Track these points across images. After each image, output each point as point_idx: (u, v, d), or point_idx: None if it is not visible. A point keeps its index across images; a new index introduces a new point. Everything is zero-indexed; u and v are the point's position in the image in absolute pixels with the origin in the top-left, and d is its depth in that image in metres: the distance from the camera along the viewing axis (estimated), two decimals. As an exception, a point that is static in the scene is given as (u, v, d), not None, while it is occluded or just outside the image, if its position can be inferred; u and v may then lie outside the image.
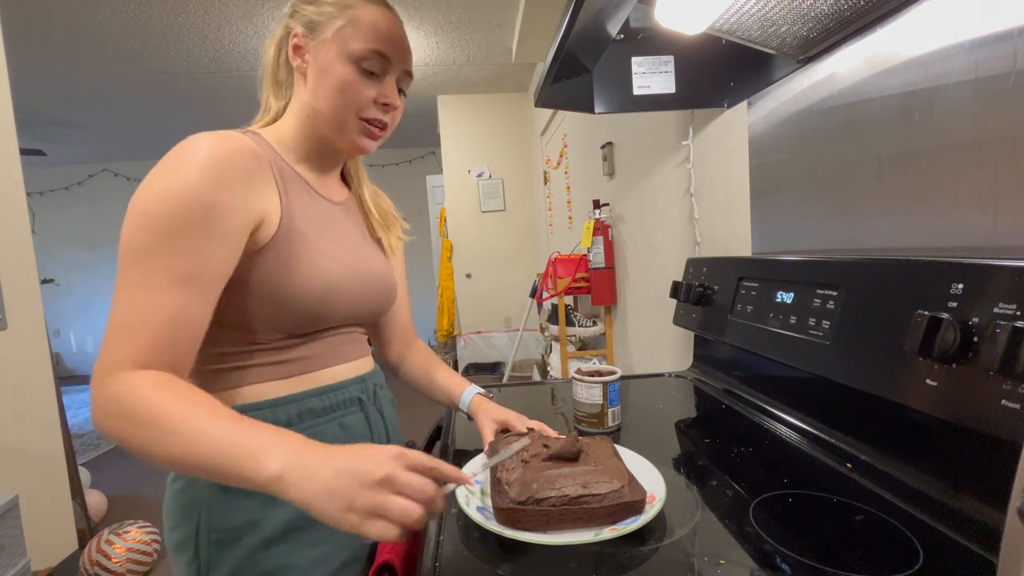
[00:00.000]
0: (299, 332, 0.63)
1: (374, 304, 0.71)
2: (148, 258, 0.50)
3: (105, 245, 5.79)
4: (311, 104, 0.63)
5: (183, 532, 0.58)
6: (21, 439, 1.68)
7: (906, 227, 0.65)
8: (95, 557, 1.81)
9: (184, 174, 0.52)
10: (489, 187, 4.22)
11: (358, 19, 0.61)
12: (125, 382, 0.47)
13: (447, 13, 2.67)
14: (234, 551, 0.57)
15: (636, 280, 1.80)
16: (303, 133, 0.66)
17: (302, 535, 0.60)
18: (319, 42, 0.62)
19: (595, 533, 0.50)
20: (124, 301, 0.50)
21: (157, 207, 0.51)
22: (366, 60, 0.61)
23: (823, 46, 0.78)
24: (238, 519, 0.58)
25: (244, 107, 3.89)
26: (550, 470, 0.56)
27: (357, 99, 0.62)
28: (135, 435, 0.46)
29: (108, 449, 3.38)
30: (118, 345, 0.49)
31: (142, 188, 0.52)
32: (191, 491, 0.58)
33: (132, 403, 0.46)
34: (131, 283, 0.50)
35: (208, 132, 0.56)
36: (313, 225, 0.63)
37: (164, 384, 0.48)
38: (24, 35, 2.59)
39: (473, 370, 4.13)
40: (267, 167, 0.60)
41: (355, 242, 0.70)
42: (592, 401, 0.80)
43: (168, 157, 0.53)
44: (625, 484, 0.53)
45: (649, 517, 0.52)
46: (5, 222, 1.67)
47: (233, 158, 0.55)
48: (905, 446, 0.58)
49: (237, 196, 0.54)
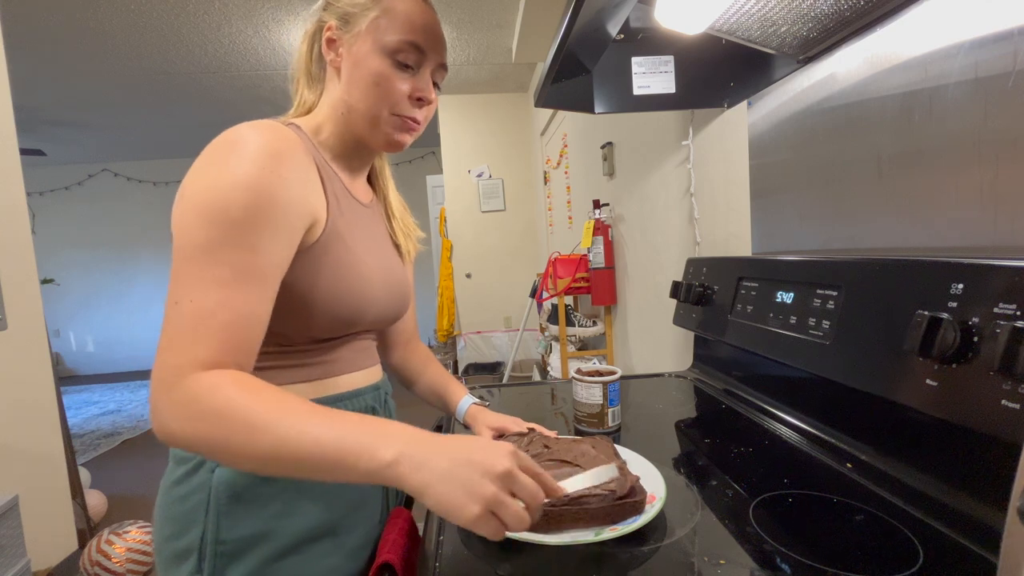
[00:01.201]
0: (325, 337, 0.62)
1: (394, 311, 0.71)
2: (213, 254, 0.48)
3: (105, 245, 5.79)
4: (345, 100, 0.61)
5: (185, 541, 0.55)
6: (21, 439, 1.68)
7: (906, 227, 0.65)
8: (95, 557, 1.81)
9: (242, 165, 0.49)
10: (489, 187, 4.22)
11: (393, 10, 0.59)
12: (203, 382, 0.45)
13: (447, 13, 2.67)
14: (244, 562, 0.55)
15: (636, 280, 1.80)
16: (336, 131, 0.64)
17: (314, 546, 0.58)
18: (353, 35, 0.60)
19: (595, 533, 0.50)
20: (191, 299, 0.47)
21: (217, 200, 0.48)
22: (401, 52, 0.59)
23: (823, 46, 0.78)
24: (249, 530, 0.55)
25: (244, 107, 3.91)
26: (550, 471, 0.55)
27: (392, 93, 0.60)
28: (219, 435, 0.44)
29: (108, 449, 3.38)
30: (191, 345, 0.46)
31: (195, 183, 0.49)
32: (193, 499, 0.55)
33: (216, 402, 0.44)
34: (197, 280, 0.47)
35: (253, 122, 0.53)
36: (350, 229, 0.62)
37: (246, 381, 0.46)
38: (24, 35, 2.59)
39: (473, 370, 4.13)
40: (313, 165, 0.58)
41: (383, 248, 0.70)
42: (592, 401, 0.80)
43: (216, 150, 0.51)
44: (625, 485, 0.53)
45: (649, 517, 0.52)
46: (5, 222, 1.67)
47: (287, 151, 0.53)
48: (905, 446, 0.58)
49: (294, 191, 0.53)
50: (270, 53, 3.00)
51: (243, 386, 0.45)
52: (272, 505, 0.56)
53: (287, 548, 0.56)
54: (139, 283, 5.89)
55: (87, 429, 3.86)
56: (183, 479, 0.57)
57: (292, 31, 2.75)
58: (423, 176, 5.06)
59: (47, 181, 5.59)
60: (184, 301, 0.47)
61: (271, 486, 0.56)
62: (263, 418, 0.44)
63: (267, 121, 0.55)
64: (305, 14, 2.53)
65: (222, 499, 0.55)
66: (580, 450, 0.63)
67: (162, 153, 5.45)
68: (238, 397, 0.44)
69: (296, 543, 0.57)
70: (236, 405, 0.44)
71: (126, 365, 5.98)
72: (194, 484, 0.56)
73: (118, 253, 5.82)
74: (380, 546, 0.60)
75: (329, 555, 0.59)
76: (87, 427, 3.91)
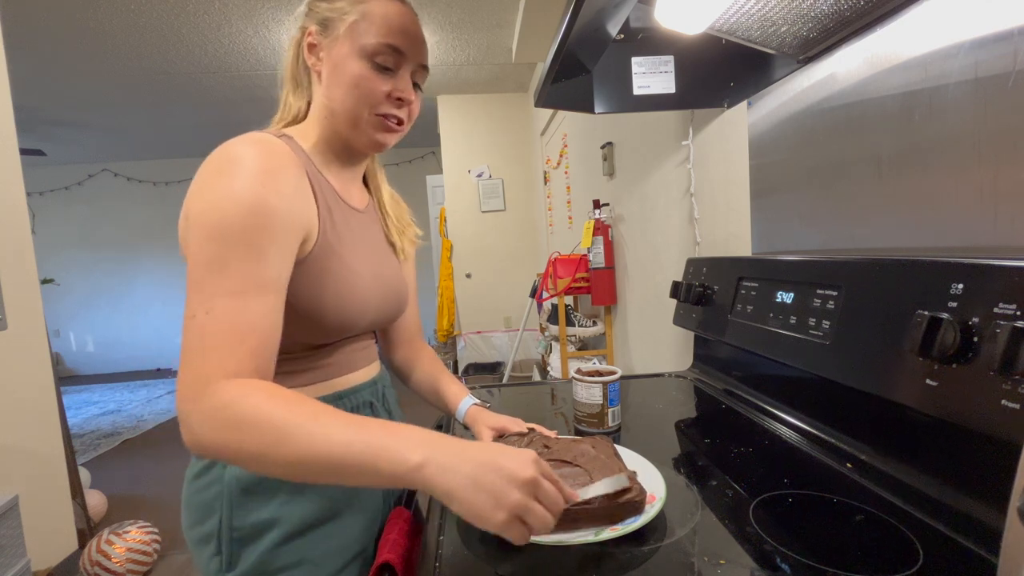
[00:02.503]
0: (319, 343, 0.64)
1: (390, 313, 0.72)
2: (223, 268, 0.49)
3: (105, 245, 5.79)
4: (326, 104, 0.63)
5: (205, 528, 0.60)
6: (21, 439, 1.68)
7: (906, 227, 0.65)
8: (95, 557, 1.81)
9: (240, 182, 0.51)
10: (489, 187, 4.22)
11: (370, 13, 0.60)
12: (230, 391, 0.46)
13: (447, 13, 2.67)
14: (256, 546, 0.59)
15: (636, 280, 1.80)
16: (323, 136, 0.65)
17: (318, 530, 0.62)
18: (332, 39, 0.61)
19: (595, 533, 0.50)
20: (207, 311, 0.48)
21: (220, 218, 0.50)
22: (379, 55, 0.60)
23: (823, 46, 0.78)
24: (258, 517, 0.59)
25: (244, 107, 3.90)
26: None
27: (371, 95, 0.61)
28: (248, 442, 0.45)
29: (108, 449, 3.38)
30: (215, 355, 0.47)
31: (197, 204, 0.52)
32: (212, 491, 0.60)
33: (243, 410, 0.45)
34: (211, 294, 0.49)
35: (244, 137, 0.55)
36: (342, 239, 0.64)
37: (272, 390, 0.47)
38: (24, 35, 2.59)
39: (473, 370, 4.13)
40: (305, 177, 0.60)
41: (376, 253, 0.71)
42: (592, 401, 0.80)
43: (213, 168, 0.53)
44: (625, 484, 0.53)
45: (649, 517, 0.52)
46: (5, 222, 1.67)
47: (280, 167, 0.55)
48: (905, 446, 0.58)
49: (291, 204, 0.55)
50: (270, 53, 3.00)
51: (270, 394, 0.47)
52: (278, 495, 0.60)
53: (293, 532, 0.60)
54: (139, 283, 5.89)
55: (87, 429, 3.86)
56: (202, 473, 0.61)
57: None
58: (423, 176, 5.06)
59: (47, 181, 5.59)
60: (200, 314, 0.49)
61: (276, 479, 0.59)
62: (292, 425, 0.45)
63: (258, 134, 0.57)
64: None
65: (234, 491, 0.59)
66: (580, 450, 0.63)
67: (162, 153, 5.45)
68: (266, 404, 0.46)
69: (302, 528, 0.61)
70: (265, 413, 0.45)
71: (126, 365, 5.98)
72: (211, 477, 0.60)
73: (118, 253, 5.82)
74: (380, 546, 0.60)
75: (333, 537, 0.63)
76: (87, 427, 3.91)
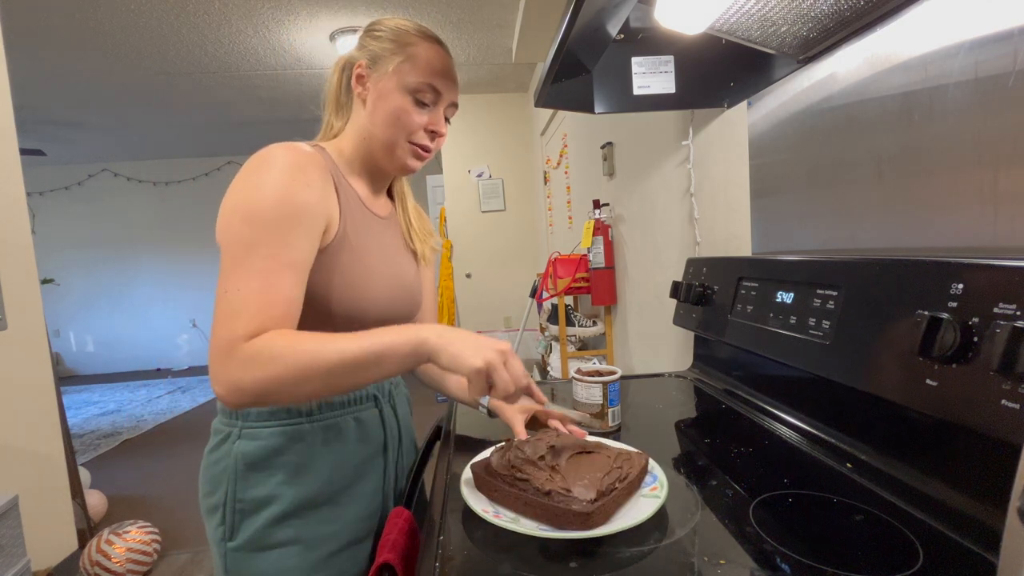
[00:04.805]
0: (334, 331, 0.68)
1: (400, 310, 0.77)
2: (254, 249, 0.57)
3: (105, 245, 5.79)
4: (368, 128, 0.72)
5: (216, 498, 0.67)
6: (21, 439, 1.68)
7: (906, 227, 0.65)
8: (95, 557, 1.81)
9: (274, 177, 0.60)
10: (489, 187, 4.21)
11: (416, 56, 0.70)
12: (257, 342, 0.54)
13: (447, 13, 2.67)
14: (255, 519, 0.66)
15: (636, 280, 1.80)
16: (358, 153, 0.74)
17: (315, 513, 0.68)
18: (380, 74, 0.70)
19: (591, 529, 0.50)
20: (238, 288, 0.56)
21: (254, 206, 0.58)
22: (420, 92, 0.70)
23: (823, 46, 0.78)
24: (259, 493, 0.66)
25: (244, 107, 3.91)
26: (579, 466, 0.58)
27: (409, 125, 0.70)
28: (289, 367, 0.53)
29: (108, 449, 3.38)
30: (245, 318, 0.55)
31: (235, 195, 0.60)
32: (221, 464, 0.67)
33: (276, 347, 0.54)
34: (243, 272, 0.56)
35: (282, 143, 0.64)
36: (359, 235, 0.71)
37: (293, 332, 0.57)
38: (24, 35, 2.59)
39: (473, 370, 4.13)
40: (330, 179, 0.68)
41: (393, 255, 0.78)
42: (592, 401, 0.80)
43: (251, 166, 0.61)
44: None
45: (649, 515, 0.52)
46: (5, 222, 1.66)
47: (308, 166, 0.63)
48: (905, 446, 0.58)
49: (316, 199, 0.63)
50: (270, 53, 3.00)
51: (293, 333, 0.56)
52: (279, 474, 0.67)
53: (289, 512, 0.66)
54: (139, 283, 5.89)
55: (87, 429, 3.86)
56: (216, 447, 0.69)
57: (292, 31, 2.75)
58: (423, 176, 5.05)
59: (47, 181, 5.59)
60: (232, 289, 0.56)
61: (279, 458, 0.67)
62: (321, 342, 0.54)
63: (291, 142, 0.66)
64: (305, 14, 2.54)
65: (240, 466, 0.66)
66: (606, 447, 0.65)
67: (162, 153, 5.45)
68: (293, 339, 0.55)
69: (298, 508, 0.67)
70: (294, 343, 0.54)
71: (126, 365, 5.98)
72: (222, 452, 0.68)
73: (118, 253, 5.82)
74: (380, 546, 0.60)
75: (328, 522, 0.69)
76: (87, 427, 3.91)
